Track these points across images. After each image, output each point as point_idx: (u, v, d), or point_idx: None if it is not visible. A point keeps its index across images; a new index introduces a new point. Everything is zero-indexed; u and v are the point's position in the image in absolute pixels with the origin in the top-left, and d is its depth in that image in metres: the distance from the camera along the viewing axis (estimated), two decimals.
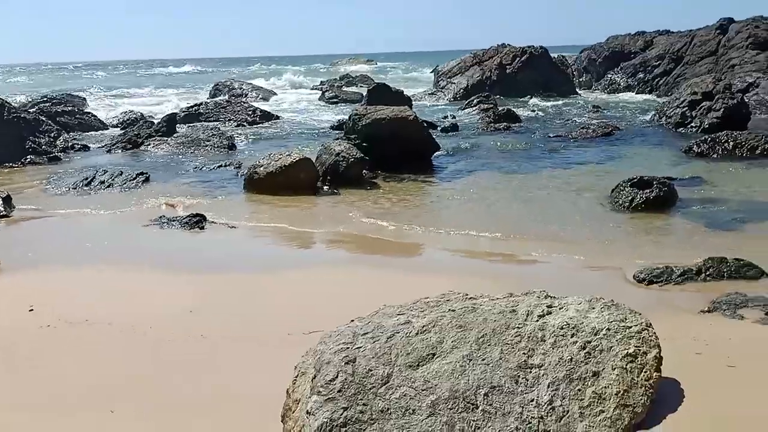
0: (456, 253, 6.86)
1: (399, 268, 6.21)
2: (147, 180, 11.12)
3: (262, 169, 10.03)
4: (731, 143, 12.21)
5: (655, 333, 3.30)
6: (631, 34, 29.07)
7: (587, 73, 30.65)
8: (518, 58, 25.96)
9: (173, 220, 8.08)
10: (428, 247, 7.20)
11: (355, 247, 7.23)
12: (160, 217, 8.31)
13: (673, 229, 7.36)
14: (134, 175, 11.11)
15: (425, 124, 17.41)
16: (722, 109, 15.00)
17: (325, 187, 10.21)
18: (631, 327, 3.27)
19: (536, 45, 26.42)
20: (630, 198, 8.35)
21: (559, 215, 8.17)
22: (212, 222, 8.11)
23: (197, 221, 7.93)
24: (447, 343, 3.01)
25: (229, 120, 19.75)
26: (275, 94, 32.00)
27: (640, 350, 3.16)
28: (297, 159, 9.97)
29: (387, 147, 11.54)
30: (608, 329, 3.23)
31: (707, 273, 5.52)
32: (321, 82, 38.38)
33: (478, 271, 6.00)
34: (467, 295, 3.46)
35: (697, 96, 15.48)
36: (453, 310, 3.27)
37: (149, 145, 15.06)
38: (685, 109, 15.50)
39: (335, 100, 26.81)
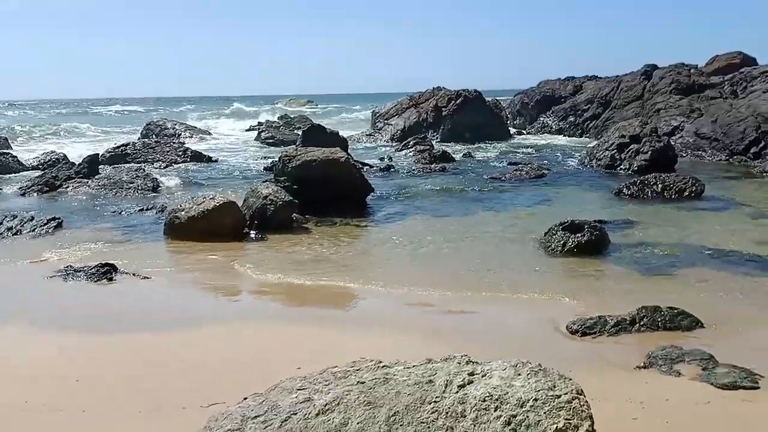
0: (386, 305, 6.46)
1: (323, 324, 5.74)
2: (59, 225, 10.35)
3: (183, 213, 9.47)
4: (660, 185, 12.39)
5: (586, 402, 2.98)
6: (561, 79, 29.94)
7: (521, 116, 31.32)
8: (453, 101, 26.24)
9: (79, 271, 7.42)
10: (357, 299, 6.78)
11: (277, 300, 6.76)
12: (66, 267, 7.63)
13: (606, 275, 7.18)
14: (45, 221, 10.33)
15: (361, 165, 17.24)
16: (650, 152, 15.35)
17: (252, 233, 9.70)
18: (560, 396, 2.94)
19: (470, 88, 26.77)
20: (562, 242, 8.20)
21: (492, 262, 7.92)
22: (123, 272, 7.49)
23: (105, 272, 7.30)
24: (352, 425, 2.59)
25: (158, 161, 19.08)
26: (209, 134, 31.38)
27: (570, 423, 2.81)
28: (221, 203, 9.46)
29: (318, 190, 11.18)
30: (535, 399, 2.89)
31: (641, 323, 5.30)
32: (258, 123, 38.02)
33: (405, 325, 5.60)
34: (380, 363, 3.07)
35: (625, 139, 15.81)
36: (362, 382, 2.87)
37: (68, 187, 14.24)
38: (614, 151, 15.79)
39: (271, 140, 26.37)
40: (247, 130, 34.55)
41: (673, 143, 18.24)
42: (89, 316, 6.07)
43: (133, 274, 7.45)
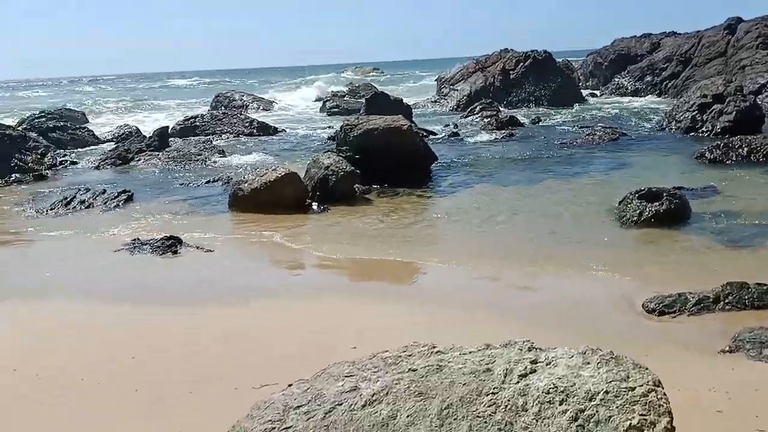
0: (447, 281, 6.23)
1: (382, 301, 5.55)
2: (130, 199, 10.60)
3: (246, 185, 9.47)
4: (746, 149, 11.53)
5: (665, 394, 2.67)
6: (637, 37, 28.40)
7: (594, 78, 30.01)
8: (521, 63, 25.33)
9: (145, 244, 7.52)
10: (418, 274, 6.58)
11: (337, 274, 6.65)
12: (134, 240, 7.76)
13: (686, 247, 6.67)
14: (116, 194, 10.59)
15: (425, 133, 16.90)
16: (734, 113, 14.31)
17: (314, 205, 9.62)
18: (635, 388, 2.64)
19: (540, 49, 25.75)
20: (638, 212, 7.70)
21: (563, 234, 7.54)
22: (188, 245, 7.55)
23: (170, 245, 7.37)
24: (401, 418, 2.40)
25: (226, 132, 19.30)
26: (276, 104, 31.61)
27: (646, 420, 2.52)
28: (282, 174, 9.40)
29: (380, 159, 10.96)
30: (606, 392, 2.60)
31: (726, 301, 4.87)
32: (330, 92, 38.01)
33: (467, 302, 5.36)
34: (434, 347, 2.85)
35: (707, 99, 14.80)
36: (414, 370, 2.66)
37: (139, 160, 14.61)
38: (695, 113, 14.81)
39: (336, 110, 26.27)
40: (315, 101, 34.59)
41: (760, 102, 16.98)
42: (152, 289, 6.12)
43: (197, 247, 7.49)
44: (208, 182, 11.74)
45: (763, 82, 19.26)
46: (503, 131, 16.51)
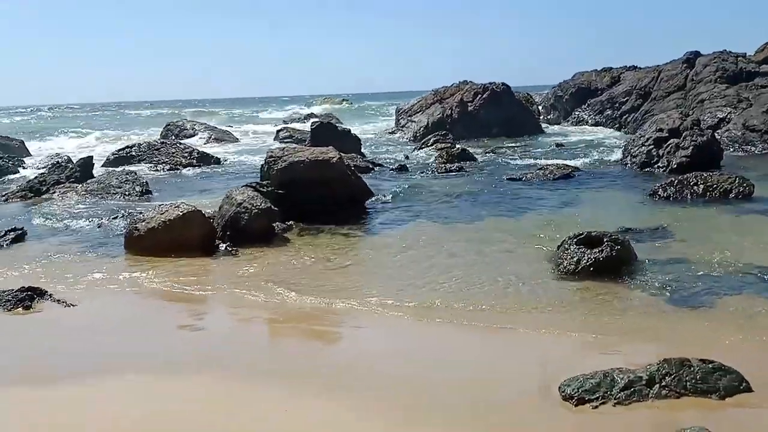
0: (346, 354, 5.18)
1: (267, 384, 4.41)
2: (20, 238, 9.36)
3: (143, 225, 8.34)
4: (701, 186, 10.75)
5: None
6: (598, 70, 28.07)
7: (555, 111, 29.59)
8: (480, 95, 24.68)
9: None
10: (318, 344, 5.47)
11: (217, 341, 5.50)
12: None
13: (625, 307, 5.67)
14: (3, 232, 9.35)
15: (372, 166, 15.96)
16: (691, 148, 13.64)
17: (223, 246, 8.51)
18: None
19: (498, 81, 25.19)
20: (576, 259, 6.76)
21: (491, 284, 6.52)
22: (50, 298, 6.37)
23: (23, 298, 6.19)
24: None
25: (163, 163, 18.15)
26: (231, 134, 30.50)
27: None
28: (184, 212, 8.30)
29: (307, 194, 9.95)
30: None
31: (663, 383, 3.87)
32: (284, 121, 37.17)
33: (364, 386, 4.25)
34: None
35: (663, 133, 14.12)
36: None
37: (54, 192, 13.35)
38: (650, 147, 14.10)
39: (289, 140, 25.27)
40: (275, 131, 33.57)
41: (718, 137, 16.42)
42: None
43: (59, 301, 6.32)
44: (115, 218, 10.56)
45: (722, 116, 18.79)
46: (453, 164, 15.63)
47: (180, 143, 20.02)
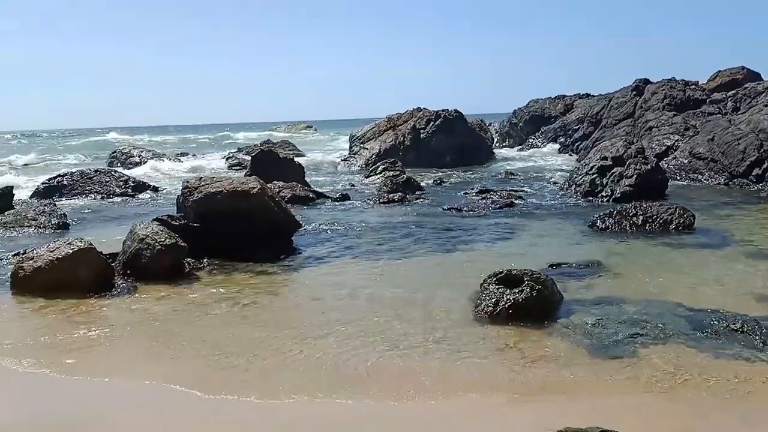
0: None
1: None
2: None
3: (29, 264, 7.54)
4: (641, 217, 10.36)
5: None
6: (552, 98, 28.11)
7: (510, 138, 29.51)
8: (432, 122, 24.36)
9: None
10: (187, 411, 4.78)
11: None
12: None
13: (541, 356, 5.02)
14: None
15: (314, 195, 15.32)
16: (635, 176, 13.35)
17: (121, 283, 7.76)
18: None
19: (451, 109, 24.91)
20: (494, 300, 6.18)
21: (403, 334, 5.83)
22: None
23: None
24: None
25: (95, 192, 17.31)
26: (181, 161, 29.62)
27: None
28: (74, 250, 7.52)
29: (224, 227, 9.25)
30: None
31: None
32: (238, 148, 36.36)
33: None
34: None
35: (607, 161, 13.82)
36: None
37: None
38: (594, 176, 13.78)
39: (238, 167, 24.59)
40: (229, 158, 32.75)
41: (665, 165, 16.28)
42: None
43: None
44: (16, 254, 9.69)
45: (670, 143, 18.70)
46: (396, 194, 15.09)
47: (115, 171, 19.12)
